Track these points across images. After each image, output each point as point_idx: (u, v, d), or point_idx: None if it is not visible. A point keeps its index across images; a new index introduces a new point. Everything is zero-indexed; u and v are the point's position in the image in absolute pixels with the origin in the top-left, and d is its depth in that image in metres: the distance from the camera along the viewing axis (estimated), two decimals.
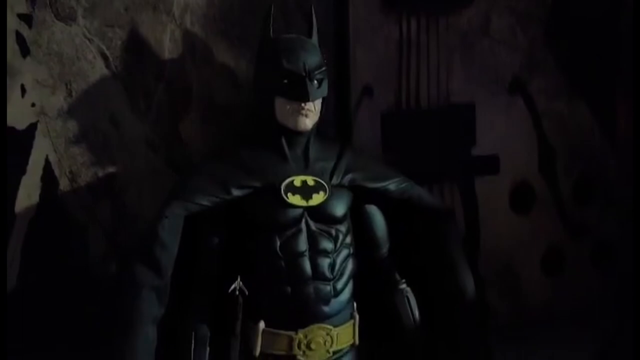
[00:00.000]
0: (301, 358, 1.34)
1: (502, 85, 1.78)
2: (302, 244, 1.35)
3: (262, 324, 1.34)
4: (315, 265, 1.34)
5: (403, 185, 1.44)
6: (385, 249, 1.47)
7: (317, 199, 1.35)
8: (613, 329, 1.81)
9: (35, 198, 1.46)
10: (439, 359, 1.47)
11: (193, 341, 1.32)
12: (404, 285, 1.46)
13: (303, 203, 1.34)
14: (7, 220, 1.44)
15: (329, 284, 1.35)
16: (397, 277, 1.46)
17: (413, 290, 1.46)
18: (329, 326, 1.35)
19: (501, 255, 1.84)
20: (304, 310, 1.33)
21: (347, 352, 1.39)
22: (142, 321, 1.27)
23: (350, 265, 1.39)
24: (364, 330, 1.43)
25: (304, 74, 1.34)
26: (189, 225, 1.34)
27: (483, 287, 1.77)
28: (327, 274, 1.35)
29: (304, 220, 1.36)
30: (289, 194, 1.34)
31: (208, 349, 1.33)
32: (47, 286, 1.48)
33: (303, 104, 1.34)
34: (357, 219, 1.44)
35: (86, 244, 1.50)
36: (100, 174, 1.49)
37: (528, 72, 1.79)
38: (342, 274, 1.37)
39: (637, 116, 1.89)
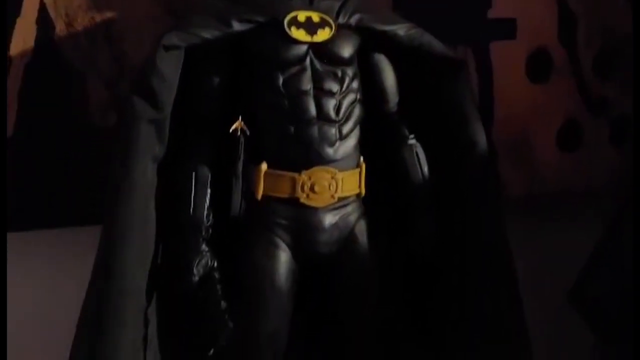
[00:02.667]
0: (305, 201, 1.29)
1: None
2: (306, 83, 1.29)
3: (264, 165, 1.29)
4: (319, 105, 1.29)
5: (413, 31, 1.38)
6: (393, 102, 1.41)
7: (322, 35, 1.29)
8: (624, 207, 1.77)
9: (30, 42, 1.42)
10: (446, 213, 1.42)
11: (193, 183, 1.28)
12: (413, 141, 1.41)
13: (307, 38, 1.28)
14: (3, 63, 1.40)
15: (334, 126, 1.30)
16: (406, 132, 1.41)
17: (422, 146, 1.41)
18: (333, 169, 1.30)
19: (516, 126, 1.77)
20: (307, 151, 1.28)
21: (352, 202, 1.34)
22: (140, 154, 1.22)
23: (357, 111, 1.34)
24: (370, 184, 1.38)
25: None
26: (190, 65, 1.29)
27: (496, 157, 1.72)
28: (332, 115, 1.30)
29: (308, 58, 1.30)
30: (293, 28, 1.28)
31: (209, 190, 1.29)
32: (45, 134, 1.44)
33: None
34: (366, 70, 1.38)
35: (85, 92, 1.45)
36: (98, 19, 1.44)
37: None
38: (348, 118, 1.32)
39: None
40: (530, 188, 1.81)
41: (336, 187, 1.30)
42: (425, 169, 1.40)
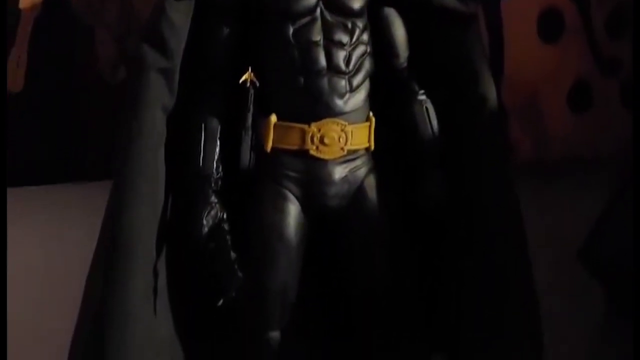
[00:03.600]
0: (314, 153, 1.29)
1: None
2: (317, 33, 1.29)
3: (273, 117, 1.29)
4: (329, 56, 1.29)
5: None
6: (403, 57, 1.40)
7: None
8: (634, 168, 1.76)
9: None
10: (455, 169, 1.41)
11: (203, 134, 1.29)
12: (423, 96, 1.40)
13: None
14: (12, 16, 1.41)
15: (344, 78, 1.30)
16: (416, 87, 1.40)
17: (432, 101, 1.39)
18: (343, 122, 1.29)
19: (526, 87, 1.75)
20: (317, 103, 1.28)
21: (361, 155, 1.34)
22: (149, 103, 1.23)
23: (367, 64, 1.33)
24: (379, 140, 1.37)
25: None
26: (200, 16, 1.28)
27: (506, 118, 1.72)
28: (342, 66, 1.29)
29: (318, 9, 1.30)
30: None
31: (218, 142, 1.29)
32: (55, 90, 1.45)
33: None
34: (376, 24, 1.37)
35: (94, 47, 1.46)
36: None
37: None
38: (358, 70, 1.31)
39: None
40: (539, 150, 1.81)
41: (346, 139, 1.30)
42: (435, 124, 1.40)
